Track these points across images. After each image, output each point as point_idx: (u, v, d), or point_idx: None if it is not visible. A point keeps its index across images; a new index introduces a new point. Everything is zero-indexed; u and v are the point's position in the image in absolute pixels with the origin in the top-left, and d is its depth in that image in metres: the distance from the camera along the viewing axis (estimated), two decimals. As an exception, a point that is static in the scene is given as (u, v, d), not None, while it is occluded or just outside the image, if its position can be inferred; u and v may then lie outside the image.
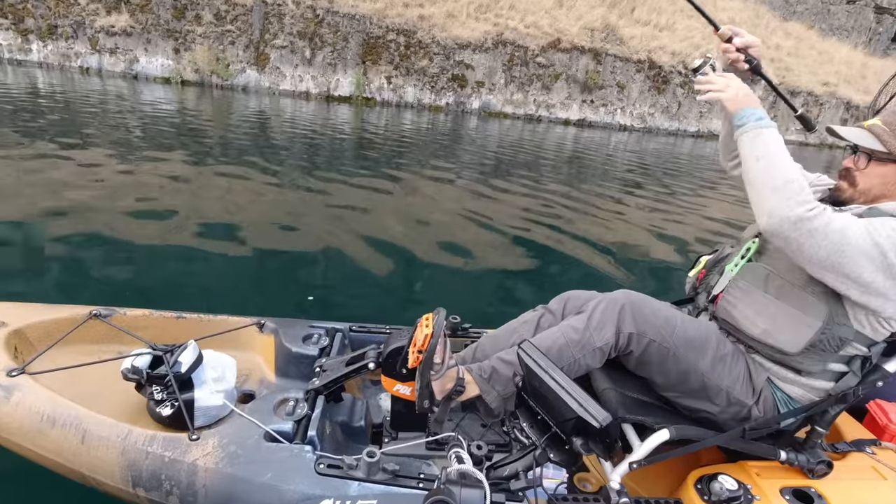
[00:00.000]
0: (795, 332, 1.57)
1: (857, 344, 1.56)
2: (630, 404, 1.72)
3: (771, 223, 1.44)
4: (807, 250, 1.43)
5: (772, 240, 1.50)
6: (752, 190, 1.51)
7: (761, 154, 1.50)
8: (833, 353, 1.58)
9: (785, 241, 1.45)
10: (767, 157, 1.49)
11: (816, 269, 1.46)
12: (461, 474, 1.49)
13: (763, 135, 1.52)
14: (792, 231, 1.42)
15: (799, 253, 1.45)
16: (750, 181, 1.52)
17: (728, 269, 1.81)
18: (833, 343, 1.55)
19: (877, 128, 1.54)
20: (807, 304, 1.56)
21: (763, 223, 1.47)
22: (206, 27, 16.15)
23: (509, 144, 12.98)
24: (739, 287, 1.74)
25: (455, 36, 17.78)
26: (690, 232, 6.95)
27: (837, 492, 1.66)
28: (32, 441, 1.60)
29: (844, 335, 1.54)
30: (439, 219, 6.04)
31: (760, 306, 1.66)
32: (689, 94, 20.61)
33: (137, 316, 2.16)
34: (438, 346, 1.62)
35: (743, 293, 1.72)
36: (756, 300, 1.67)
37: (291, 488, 1.49)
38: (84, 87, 13.08)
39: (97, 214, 4.70)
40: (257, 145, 8.92)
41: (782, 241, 1.46)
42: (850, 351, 1.58)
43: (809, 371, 1.63)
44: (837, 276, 1.44)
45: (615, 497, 1.60)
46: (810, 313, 1.55)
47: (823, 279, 1.48)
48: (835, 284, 1.47)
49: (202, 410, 1.72)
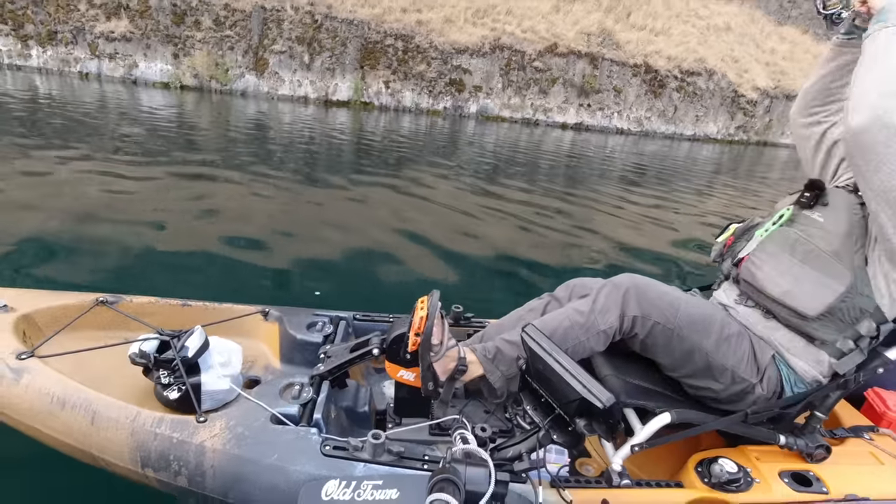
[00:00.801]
0: (817, 294, 1.58)
1: (872, 321, 1.57)
2: (632, 390, 1.73)
3: (868, 118, 1.35)
4: (885, 170, 1.37)
5: (855, 141, 1.40)
6: (862, 81, 1.41)
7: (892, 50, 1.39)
8: (849, 325, 1.58)
9: (870, 148, 1.37)
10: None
11: (878, 196, 1.43)
12: (466, 454, 1.50)
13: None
14: (886, 137, 1.34)
15: (875, 171, 1.39)
16: (861, 75, 1.42)
17: (758, 235, 1.82)
18: (852, 313, 1.57)
19: None
20: (832, 270, 1.58)
21: (860, 118, 1.37)
22: (205, 32, 16.22)
23: (507, 147, 13.02)
24: (766, 250, 1.75)
25: (453, 41, 17.86)
26: (691, 226, 7.00)
27: (835, 475, 1.68)
28: (43, 422, 1.61)
29: (864, 306, 1.55)
30: (441, 214, 6.09)
31: (785, 268, 1.67)
32: (684, 98, 20.70)
33: (143, 303, 2.17)
34: (435, 328, 1.63)
35: (769, 256, 1.73)
36: (782, 262, 1.69)
37: (298, 469, 1.50)
38: (83, 91, 13.10)
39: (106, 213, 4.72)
40: (258, 148, 8.95)
41: (868, 146, 1.37)
42: (863, 328, 1.58)
43: (823, 339, 1.63)
44: (895, 213, 1.42)
45: (617, 479, 1.62)
46: (835, 278, 1.57)
47: (876, 215, 1.47)
48: (884, 223, 1.46)
49: (209, 394, 1.73)
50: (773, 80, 22.35)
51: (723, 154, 18.16)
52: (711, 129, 21.72)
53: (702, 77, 20.59)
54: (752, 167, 15.71)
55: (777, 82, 22.34)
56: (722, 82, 21.08)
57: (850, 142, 1.42)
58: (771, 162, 17.52)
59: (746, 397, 1.69)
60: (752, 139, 22.54)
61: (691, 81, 20.64)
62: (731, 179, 12.17)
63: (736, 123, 22.07)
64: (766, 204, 9.44)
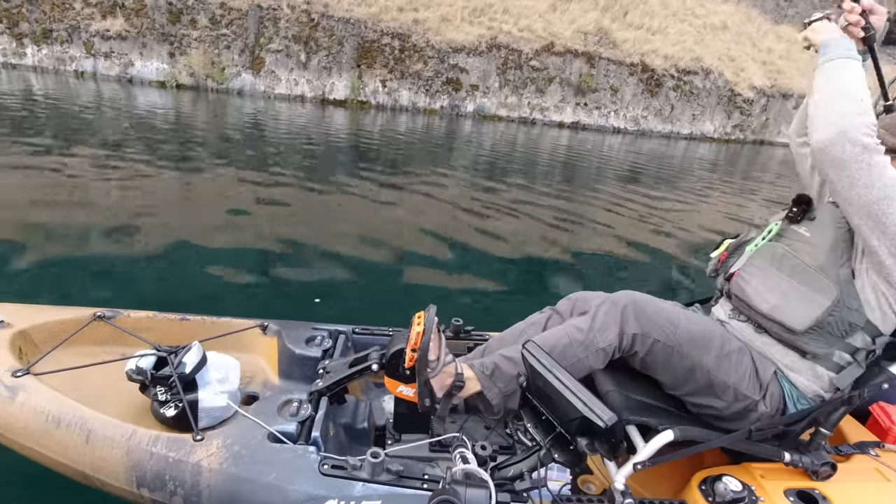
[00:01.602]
0: (804, 308, 1.59)
1: (865, 333, 1.57)
2: (634, 406, 1.72)
3: (828, 138, 1.40)
4: (859, 186, 1.40)
5: (826, 163, 1.44)
6: (820, 104, 1.46)
7: (840, 78, 1.47)
8: (840, 338, 1.58)
9: (840, 164, 1.40)
10: (846, 81, 1.46)
11: (858, 211, 1.45)
12: (466, 474, 1.49)
13: (851, 65, 1.49)
14: (852, 154, 1.38)
15: (849, 187, 1.42)
16: (816, 101, 1.48)
17: (748, 250, 1.84)
18: (841, 327, 1.56)
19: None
20: (818, 284, 1.58)
21: (819, 138, 1.43)
22: (201, 31, 16.15)
23: (505, 147, 13.01)
24: (755, 265, 1.77)
25: (449, 40, 17.83)
26: (694, 229, 7.00)
27: (841, 494, 1.66)
28: (37, 441, 1.60)
29: (854, 320, 1.55)
30: (440, 222, 6.05)
31: (773, 283, 1.68)
32: (681, 97, 20.71)
33: (141, 318, 2.16)
34: (432, 344, 1.62)
35: (758, 270, 1.74)
36: (770, 277, 1.70)
37: (295, 488, 1.49)
38: (78, 90, 13.05)
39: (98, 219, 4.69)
40: (255, 149, 8.92)
41: (837, 162, 1.41)
42: (857, 341, 1.58)
43: (815, 354, 1.63)
44: (876, 226, 1.44)
45: (619, 498, 1.60)
46: (821, 292, 1.57)
47: (859, 229, 1.48)
48: (869, 236, 1.47)
49: (206, 411, 1.71)
50: (770, 79, 22.36)
51: (719, 153, 18.17)
52: (708, 127, 21.70)
53: (698, 76, 20.57)
54: (748, 167, 15.74)
55: (774, 81, 22.34)
56: (718, 81, 21.07)
57: (819, 161, 1.47)
58: (766, 162, 17.53)
59: (749, 415, 1.68)
60: (748, 138, 22.53)
61: (688, 80, 20.62)
62: (728, 178, 12.17)
63: (732, 122, 22.05)
64: (763, 204, 9.45)
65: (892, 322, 1.56)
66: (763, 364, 1.71)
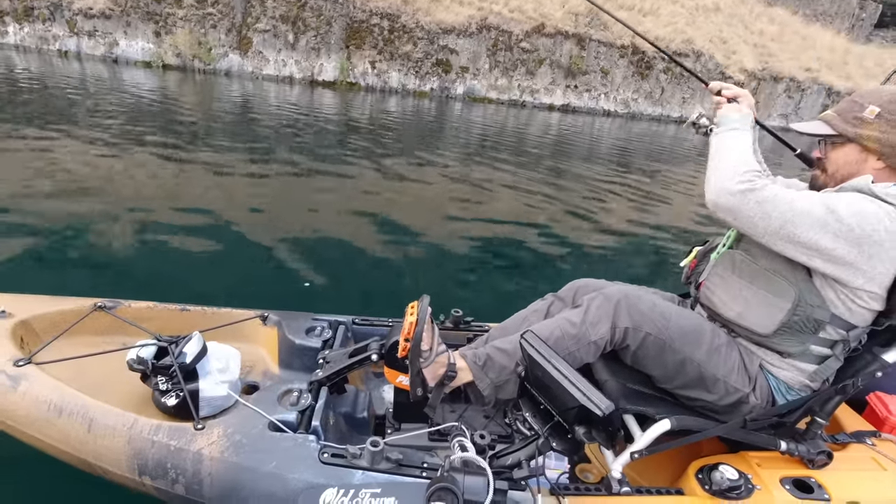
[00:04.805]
0: (766, 314, 1.63)
1: (835, 328, 1.60)
2: (631, 395, 1.74)
3: (713, 196, 1.57)
4: (759, 222, 1.51)
5: (721, 214, 1.58)
6: (709, 168, 1.64)
7: (721, 147, 1.65)
8: (810, 334, 1.61)
9: (734, 214, 1.54)
10: (726, 149, 1.63)
11: (775, 240, 1.53)
12: (464, 462, 1.51)
13: (734, 136, 1.66)
14: (739, 202, 1.51)
15: (753, 226, 1.53)
16: (710, 164, 1.64)
17: (713, 258, 1.87)
18: (808, 325, 1.59)
19: (828, 116, 1.68)
20: (776, 287, 1.61)
21: (707, 198, 1.59)
22: (186, 10, 15.88)
23: (495, 129, 12.97)
24: (718, 273, 1.80)
25: (439, 20, 17.66)
26: (689, 216, 7.03)
27: (837, 482, 1.69)
28: (39, 430, 1.61)
29: (820, 317, 1.58)
30: (435, 209, 6.05)
31: (735, 291, 1.72)
32: (671, 80, 20.67)
33: (142, 308, 2.17)
34: (425, 334, 1.64)
35: (721, 279, 1.78)
36: (731, 285, 1.74)
37: (296, 477, 1.50)
38: (62, 71, 12.85)
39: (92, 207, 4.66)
40: (245, 134, 8.85)
41: (731, 214, 1.55)
42: (831, 335, 1.61)
43: (790, 353, 1.66)
44: (797, 246, 1.50)
45: (617, 486, 1.63)
46: (780, 295, 1.60)
47: (785, 252, 1.54)
48: (797, 255, 1.53)
49: (207, 401, 1.73)
50: (761, 62, 22.34)
51: (709, 136, 18.14)
52: (698, 110, 21.69)
53: (689, 59, 20.50)
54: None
55: (765, 64, 22.32)
56: (709, 64, 21.02)
57: (718, 214, 1.60)
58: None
59: (742, 406, 1.71)
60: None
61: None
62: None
63: (723, 105, 22.05)
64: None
65: (861, 315, 1.58)
66: (750, 357, 1.75)
